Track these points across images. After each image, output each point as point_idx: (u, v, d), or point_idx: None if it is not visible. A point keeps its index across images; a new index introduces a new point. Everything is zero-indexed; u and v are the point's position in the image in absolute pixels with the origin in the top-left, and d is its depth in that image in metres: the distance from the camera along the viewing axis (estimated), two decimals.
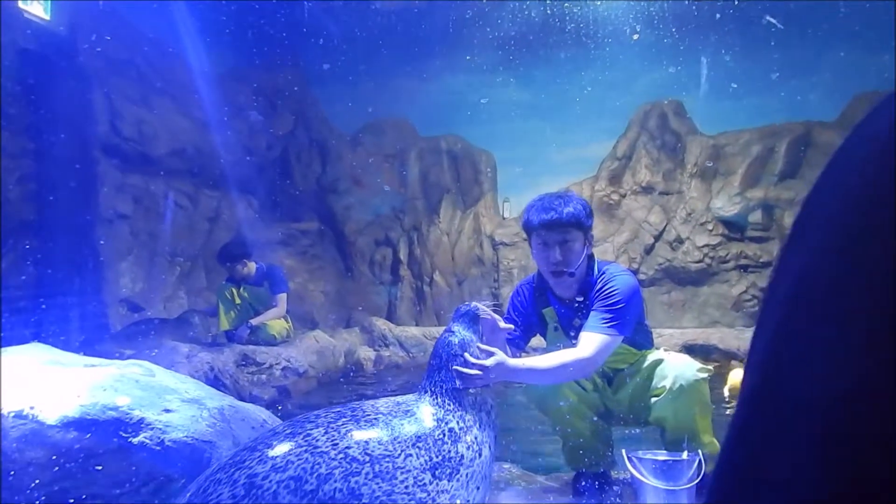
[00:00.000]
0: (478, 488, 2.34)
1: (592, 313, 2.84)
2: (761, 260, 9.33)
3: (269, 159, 10.70)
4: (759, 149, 9.57)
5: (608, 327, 2.77)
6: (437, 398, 2.41)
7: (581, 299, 2.98)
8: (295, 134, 11.07)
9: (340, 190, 11.00)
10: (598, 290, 2.89)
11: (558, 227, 2.86)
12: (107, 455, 2.52)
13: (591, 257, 3.02)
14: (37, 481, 2.38)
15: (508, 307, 3.20)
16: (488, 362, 2.39)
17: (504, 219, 10.69)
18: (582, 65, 10.36)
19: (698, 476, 2.56)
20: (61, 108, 7.40)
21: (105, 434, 2.57)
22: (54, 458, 2.47)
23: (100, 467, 2.47)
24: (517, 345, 3.04)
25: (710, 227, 9.51)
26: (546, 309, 3.10)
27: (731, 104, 9.90)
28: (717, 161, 9.79)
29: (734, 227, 9.50)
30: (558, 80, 10.49)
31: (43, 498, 2.35)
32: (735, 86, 9.76)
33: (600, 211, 10.09)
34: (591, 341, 2.74)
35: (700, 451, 2.71)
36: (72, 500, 2.38)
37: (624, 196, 10.14)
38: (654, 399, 2.94)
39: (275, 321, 7.17)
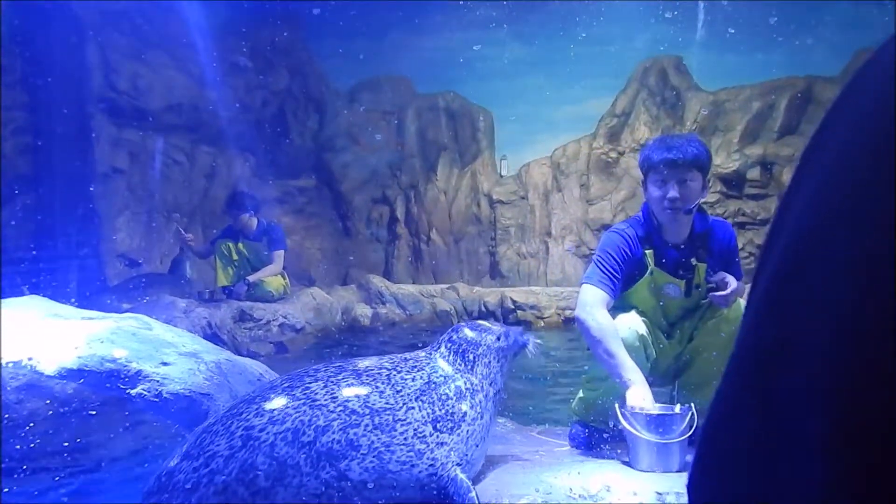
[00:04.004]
0: (476, 446, 2.37)
1: (732, 263, 3.11)
2: (759, 217, 9.31)
3: (266, 116, 10.58)
4: (760, 105, 9.48)
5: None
6: (450, 355, 2.47)
7: (688, 242, 3.06)
8: (291, 90, 10.94)
9: (337, 147, 10.91)
10: (719, 239, 3.07)
11: (679, 165, 2.92)
12: (104, 406, 2.54)
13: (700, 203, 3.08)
14: (34, 429, 2.40)
15: (613, 252, 3.00)
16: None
17: (502, 177, 10.62)
18: (582, 21, 10.16)
19: (690, 429, 2.59)
20: (55, 60, 7.29)
21: (102, 386, 2.58)
22: (53, 408, 2.49)
23: (95, 413, 2.49)
24: (613, 294, 2.96)
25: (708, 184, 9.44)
26: (648, 251, 3.06)
27: (732, 59, 9.77)
28: (717, 117, 9.71)
29: (732, 185, 9.46)
30: (557, 36, 10.30)
31: (40, 445, 2.38)
32: (736, 41, 9.61)
33: (598, 169, 10.04)
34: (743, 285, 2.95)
35: (695, 405, 2.71)
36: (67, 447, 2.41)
37: (622, 153, 10.06)
38: (708, 322, 3.03)
39: (272, 278, 7.19)
